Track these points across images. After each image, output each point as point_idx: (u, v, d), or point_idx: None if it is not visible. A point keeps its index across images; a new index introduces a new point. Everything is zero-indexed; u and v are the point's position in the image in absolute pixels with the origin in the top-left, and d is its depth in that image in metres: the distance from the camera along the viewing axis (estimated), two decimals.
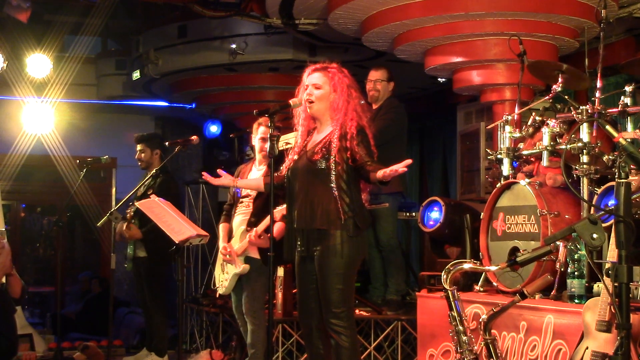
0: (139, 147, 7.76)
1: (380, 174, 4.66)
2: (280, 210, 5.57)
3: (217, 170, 5.69)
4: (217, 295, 6.19)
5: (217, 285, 6.24)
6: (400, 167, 4.60)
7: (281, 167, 5.20)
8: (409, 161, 4.63)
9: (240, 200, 6.16)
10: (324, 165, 4.90)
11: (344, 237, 4.86)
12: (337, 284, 4.86)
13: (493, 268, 4.49)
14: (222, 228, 6.26)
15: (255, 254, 5.98)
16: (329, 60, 5.14)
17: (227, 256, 6.03)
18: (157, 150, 7.76)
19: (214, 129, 12.91)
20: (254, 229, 5.93)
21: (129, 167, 7.94)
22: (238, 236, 6.06)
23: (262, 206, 5.92)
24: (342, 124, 4.94)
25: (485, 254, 5.60)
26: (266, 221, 5.69)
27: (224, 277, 6.10)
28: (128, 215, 7.19)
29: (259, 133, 6.09)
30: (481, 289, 5.60)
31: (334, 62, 5.12)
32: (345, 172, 4.89)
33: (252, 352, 6.04)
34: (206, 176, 5.59)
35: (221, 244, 6.15)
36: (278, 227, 5.52)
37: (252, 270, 5.99)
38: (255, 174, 6.08)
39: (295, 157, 5.10)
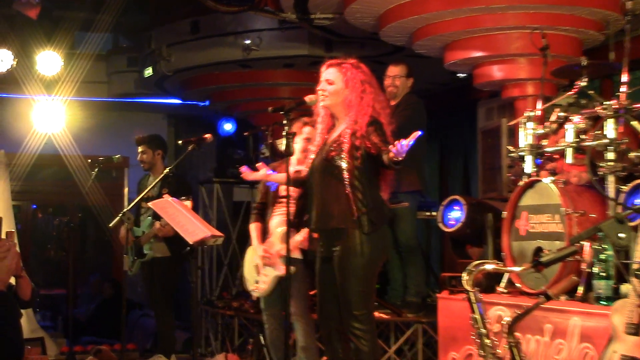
0: (140, 149, 7.81)
1: (390, 154, 4.61)
2: None
3: (257, 164, 5.65)
4: (254, 299, 6.03)
5: (251, 288, 6.06)
6: (409, 141, 4.53)
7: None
8: (417, 133, 4.58)
9: (279, 200, 6.00)
10: (336, 163, 4.90)
11: (363, 237, 4.85)
12: (357, 285, 4.85)
13: (516, 269, 4.47)
14: (254, 228, 6.12)
15: (298, 254, 5.83)
16: (346, 56, 5.13)
17: (268, 259, 5.90)
18: (159, 151, 7.82)
19: (228, 127, 12.92)
20: (304, 229, 5.78)
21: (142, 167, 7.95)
22: (278, 237, 5.89)
23: (304, 206, 5.81)
24: (354, 121, 4.94)
25: (508, 254, 5.58)
26: None
27: (261, 279, 5.93)
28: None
29: (304, 133, 5.96)
30: (504, 291, 5.57)
31: (353, 57, 5.10)
32: (357, 169, 4.88)
33: (304, 355, 5.89)
34: (244, 171, 5.59)
35: (258, 246, 5.99)
36: None
37: (297, 271, 5.78)
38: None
39: (313, 155, 5.11)
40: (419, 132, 4.60)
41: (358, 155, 4.88)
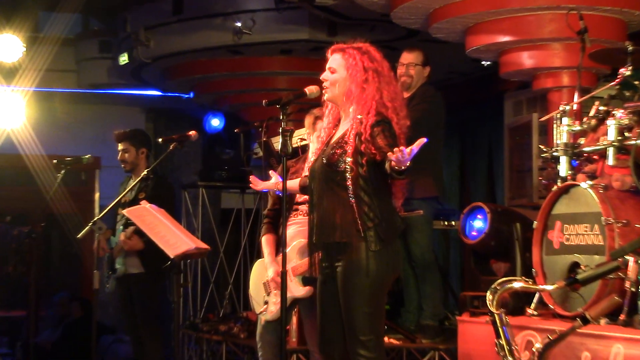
0: (121, 146, 7.76)
1: (392, 162, 4.55)
2: None
3: (269, 171, 5.59)
4: (263, 323, 5.91)
5: (260, 311, 5.83)
6: (413, 148, 4.49)
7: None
8: (423, 140, 4.53)
9: (295, 207, 5.82)
10: (339, 168, 4.87)
11: (370, 251, 4.83)
12: (363, 306, 4.83)
13: (549, 287, 4.46)
14: (266, 242, 5.88)
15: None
16: (354, 40, 5.11)
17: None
18: (143, 149, 7.77)
19: (215, 122, 12.93)
20: None
21: (115, 168, 7.94)
22: (295, 251, 5.67)
23: None
24: (359, 120, 4.89)
25: (539, 270, 5.58)
26: None
27: (271, 299, 5.74)
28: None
29: (317, 129, 5.84)
30: (534, 313, 5.57)
31: (362, 41, 5.07)
32: (363, 177, 4.85)
33: None
34: (253, 180, 5.54)
35: (271, 265, 5.74)
36: None
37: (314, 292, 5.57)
38: None
39: (313, 157, 5.10)
40: (424, 139, 4.53)
41: (363, 162, 4.83)
